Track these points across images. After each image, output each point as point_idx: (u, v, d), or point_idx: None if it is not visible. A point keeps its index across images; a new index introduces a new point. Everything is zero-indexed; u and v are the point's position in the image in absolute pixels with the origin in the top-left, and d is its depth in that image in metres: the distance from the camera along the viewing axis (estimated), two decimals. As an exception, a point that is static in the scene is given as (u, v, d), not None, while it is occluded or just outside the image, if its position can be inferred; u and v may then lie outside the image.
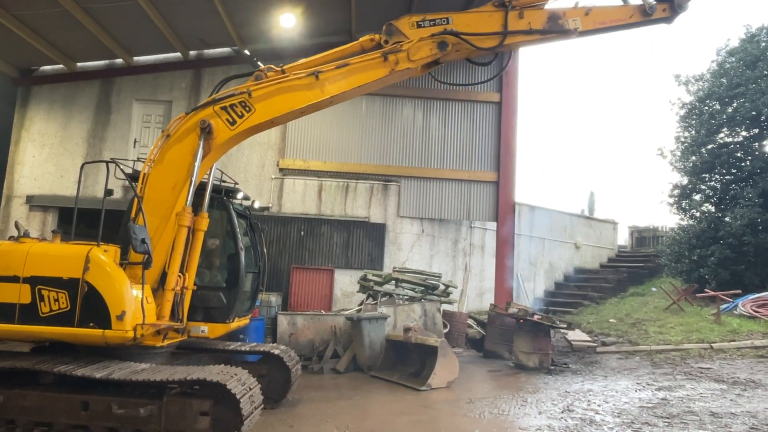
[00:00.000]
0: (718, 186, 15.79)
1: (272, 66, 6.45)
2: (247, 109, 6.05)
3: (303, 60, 6.59)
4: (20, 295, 5.15)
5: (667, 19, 6.91)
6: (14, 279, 5.18)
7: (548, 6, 6.71)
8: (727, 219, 14.77)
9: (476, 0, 12.20)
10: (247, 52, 13.60)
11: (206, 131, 5.88)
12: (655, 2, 6.72)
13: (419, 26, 6.51)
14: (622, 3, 6.85)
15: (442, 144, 13.94)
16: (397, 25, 6.53)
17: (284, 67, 6.42)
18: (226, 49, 13.79)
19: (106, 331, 5.07)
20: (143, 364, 5.32)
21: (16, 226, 5.99)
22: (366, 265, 13.16)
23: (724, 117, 15.28)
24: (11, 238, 5.63)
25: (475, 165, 13.94)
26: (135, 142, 13.55)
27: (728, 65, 15.75)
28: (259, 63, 13.52)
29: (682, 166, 16.48)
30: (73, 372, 4.85)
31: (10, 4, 10.88)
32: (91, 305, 5.10)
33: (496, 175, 13.84)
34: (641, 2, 6.77)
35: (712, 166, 15.54)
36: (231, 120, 6.03)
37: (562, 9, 6.66)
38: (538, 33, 6.59)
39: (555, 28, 6.60)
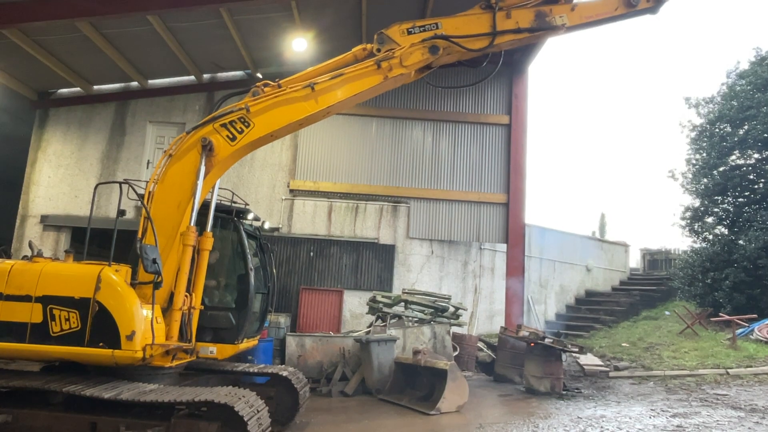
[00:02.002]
0: (731, 208, 15.63)
1: (269, 81, 6.57)
2: (247, 124, 6.17)
3: (298, 74, 6.73)
4: (32, 314, 5.19)
5: (652, 10, 7.02)
6: (27, 298, 5.23)
7: (534, 5, 6.81)
8: (741, 242, 14.57)
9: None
10: (259, 75, 13.80)
11: (207, 148, 5.99)
12: None
13: (410, 33, 6.63)
14: None
15: (452, 165, 13.98)
16: (388, 33, 6.65)
17: (280, 82, 6.55)
18: (239, 72, 14.04)
19: (116, 351, 5.08)
20: (151, 385, 5.30)
21: (30, 245, 6.07)
22: (375, 286, 13.12)
23: (736, 139, 15.20)
24: (24, 257, 5.69)
25: (484, 186, 13.95)
26: (148, 163, 13.74)
27: (738, 88, 15.73)
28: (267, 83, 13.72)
29: (694, 189, 16.35)
30: (82, 392, 4.86)
31: (32, 30, 11.19)
32: (101, 325, 5.12)
33: (506, 197, 13.83)
34: None
35: (725, 188, 15.41)
36: (231, 136, 6.14)
37: (549, 6, 6.77)
38: (526, 31, 6.71)
39: (543, 25, 6.72)
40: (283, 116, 6.29)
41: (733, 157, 15.71)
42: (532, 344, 9.91)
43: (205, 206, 6.26)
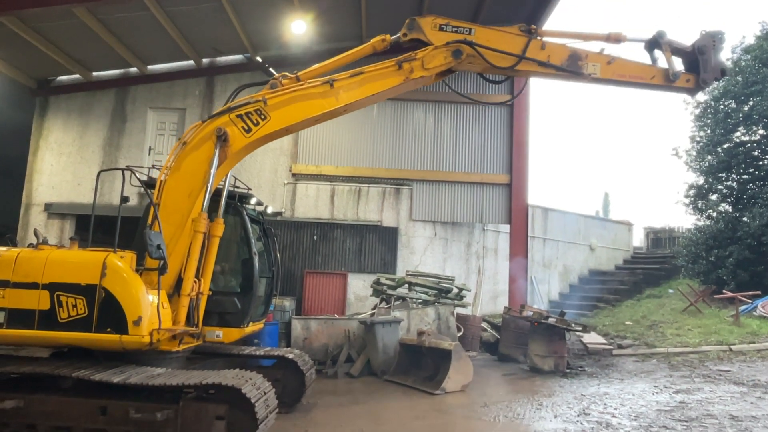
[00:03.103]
0: (735, 185, 15.56)
1: (287, 74, 6.50)
2: (263, 117, 6.09)
3: (317, 66, 6.64)
4: (39, 301, 5.24)
5: (690, 91, 6.74)
6: (34, 285, 5.27)
7: (573, 45, 6.58)
8: (745, 219, 14.54)
9: (483, 11, 12.30)
10: (258, 58, 13.73)
11: (222, 139, 5.93)
12: (679, 71, 6.53)
13: (441, 29, 6.49)
14: (648, 62, 6.64)
15: (454, 147, 13.93)
16: (420, 23, 6.51)
17: (299, 74, 6.47)
18: (238, 57, 13.92)
19: (123, 336, 5.13)
20: (160, 369, 5.37)
21: (35, 233, 6.10)
22: (379, 269, 13.17)
23: (741, 115, 15.07)
24: (30, 245, 5.73)
25: (487, 167, 13.91)
26: (150, 149, 13.73)
27: (744, 63, 15.54)
28: (271, 69, 13.64)
29: (698, 166, 16.27)
30: (91, 377, 4.92)
31: (29, 17, 11.11)
32: (108, 311, 5.17)
33: (509, 178, 13.80)
34: (666, 67, 6.57)
35: (729, 165, 15.32)
36: (246, 128, 6.07)
37: (585, 51, 6.53)
38: (553, 68, 6.47)
39: (572, 67, 6.48)
40: (300, 111, 6.21)
41: (738, 133, 15.60)
42: (536, 324, 9.97)
43: (216, 193, 6.26)
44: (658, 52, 6.62)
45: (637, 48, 6.79)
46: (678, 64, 6.62)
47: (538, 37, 6.53)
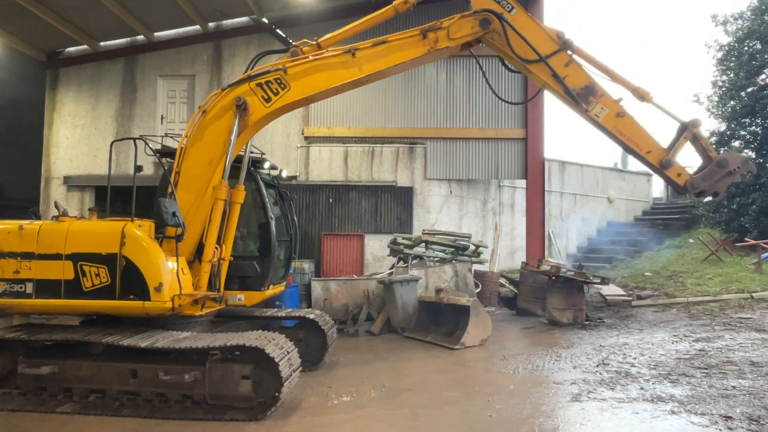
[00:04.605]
0: (759, 131, 15.07)
1: (307, 41, 6.38)
2: (283, 86, 6.00)
3: (338, 31, 6.51)
4: (64, 271, 5.39)
5: (675, 186, 6.43)
6: (57, 256, 5.41)
7: (595, 76, 6.29)
8: (768, 165, 14.18)
9: None
10: (265, 20, 13.46)
11: (241, 108, 5.88)
12: (674, 161, 6.25)
13: None
14: (650, 133, 6.35)
15: (468, 103, 13.68)
16: None
17: (320, 41, 6.34)
18: (244, 19, 13.67)
19: (146, 302, 5.28)
20: (185, 333, 5.53)
21: (56, 206, 6.22)
22: (395, 228, 13.22)
23: (766, 57, 14.46)
24: (54, 218, 5.85)
25: (502, 122, 13.67)
26: (162, 118, 13.72)
27: (771, 1, 14.81)
28: (278, 30, 13.40)
29: (720, 112, 15.77)
30: (120, 342, 5.10)
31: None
32: (129, 278, 5.30)
33: (524, 132, 13.55)
34: (665, 147, 6.30)
35: (753, 110, 14.81)
36: (266, 97, 6.00)
37: (603, 90, 6.26)
38: (563, 87, 6.21)
39: (581, 98, 6.21)
40: (321, 81, 6.10)
41: (763, 76, 14.99)
42: (554, 277, 9.99)
43: (237, 160, 6.26)
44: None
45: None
46: (687, 152, 6.33)
47: (569, 52, 6.27)
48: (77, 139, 13.81)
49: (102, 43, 13.90)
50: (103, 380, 5.32)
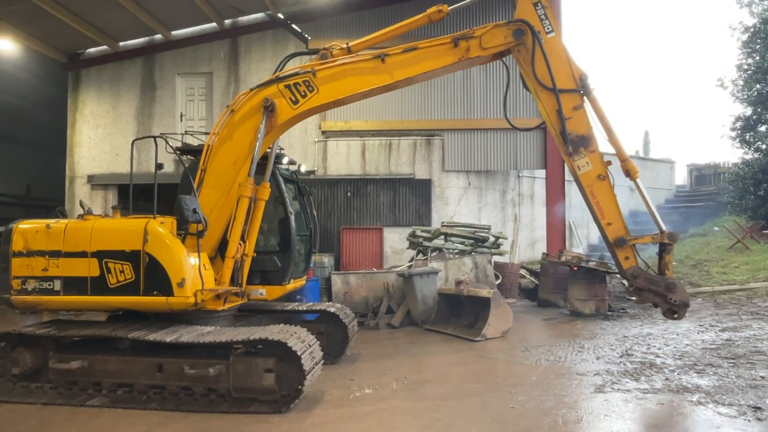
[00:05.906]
0: (787, 114, 14.71)
1: (337, 44, 6.38)
2: (311, 88, 5.98)
3: (368, 36, 6.51)
4: (89, 268, 5.51)
5: (619, 266, 6.39)
6: (83, 254, 5.52)
7: (595, 126, 6.27)
8: (796, 149, 13.81)
9: None
10: (280, 15, 13.50)
11: (269, 109, 5.89)
12: (628, 243, 6.33)
13: (535, 5, 6.13)
14: (619, 207, 6.48)
15: (485, 93, 13.55)
16: None
17: (350, 45, 6.33)
18: (260, 15, 13.74)
19: (170, 298, 5.37)
20: (209, 327, 5.61)
21: (81, 204, 6.35)
22: (414, 221, 13.20)
23: (793, 38, 14.07)
24: (79, 216, 5.98)
25: (520, 112, 13.49)
26: (181, 116, 13.89)
27: (797, -20, 14.37)
28: (293, 25, 13.43)
29: (746, 96, 15.40)
30: (145, 337, 5.19)
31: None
32: (153, 275, 5.39)
33: (543, 121, 13.37)
34: (625, 226, 6.36)
35: (780, 93, 14.44)
36: (294, 99, 5.99)
37: (596, 146, 6.25)
38: (561, 126, 6.12)
39: (573, 145, 6.15)
40: (349, 85, 6.07)
41: (790, 58, 14.60)
42: (575, 268, 9.89)
43: (263, 157, 6.28)
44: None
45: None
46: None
47: (582, 94, 6.18)
48: (99, 138, 14.05)
49: (121, 43, 14.10)
50: (131, 374, 5.43)
